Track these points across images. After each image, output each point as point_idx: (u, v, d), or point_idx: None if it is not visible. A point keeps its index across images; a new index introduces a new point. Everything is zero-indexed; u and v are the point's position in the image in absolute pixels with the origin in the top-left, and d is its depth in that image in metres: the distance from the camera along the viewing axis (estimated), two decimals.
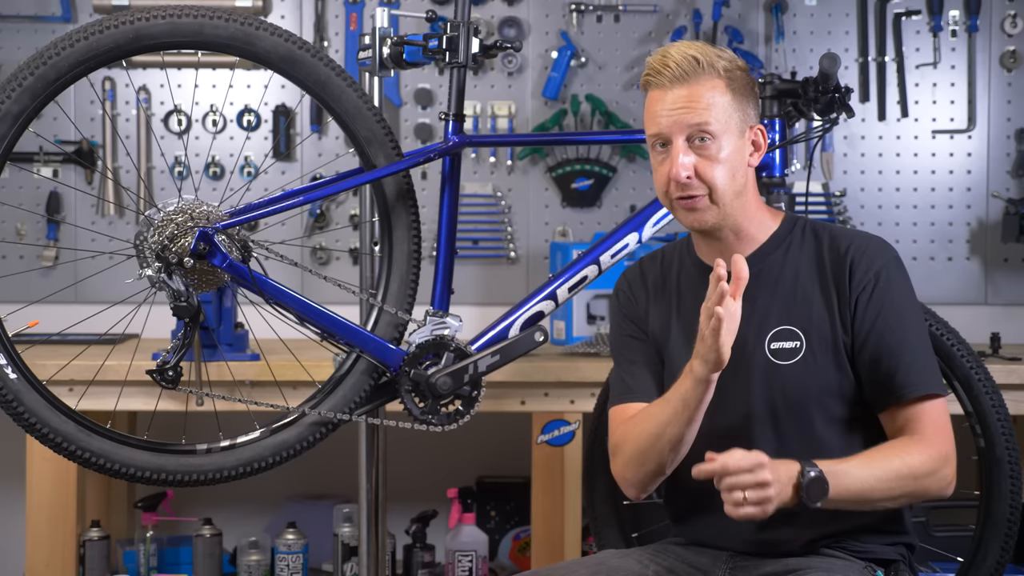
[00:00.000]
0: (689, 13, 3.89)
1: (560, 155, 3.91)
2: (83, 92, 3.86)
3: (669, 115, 2.20)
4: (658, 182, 2.25)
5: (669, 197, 2.24)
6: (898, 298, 2.24)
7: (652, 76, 2.22)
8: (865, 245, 2.26)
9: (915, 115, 3.90)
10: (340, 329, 2.46)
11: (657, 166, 2.24)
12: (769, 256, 2.28)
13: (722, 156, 2.20)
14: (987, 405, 2.73)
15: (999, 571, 2.77)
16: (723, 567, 2.28)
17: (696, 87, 2.19)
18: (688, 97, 2.19)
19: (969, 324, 3.22)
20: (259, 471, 2.45)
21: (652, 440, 2.24)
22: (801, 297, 2.25)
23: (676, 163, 2.19)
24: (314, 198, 2.52)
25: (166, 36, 2.30)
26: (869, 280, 2.22)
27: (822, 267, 2.26)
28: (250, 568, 3.63)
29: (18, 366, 2.26)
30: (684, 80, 2.19)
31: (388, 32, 2.71)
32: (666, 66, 2.20)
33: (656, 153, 2.24)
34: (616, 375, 2.41)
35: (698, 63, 2.19)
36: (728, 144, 2.21)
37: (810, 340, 2.23)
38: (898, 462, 2.14)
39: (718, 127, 2.19)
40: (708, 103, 2.19)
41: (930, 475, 2.16)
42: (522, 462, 3.50)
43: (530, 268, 3.94)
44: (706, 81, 2.20)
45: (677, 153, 2.19)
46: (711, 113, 2.19)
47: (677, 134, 2.20)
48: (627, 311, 2.41)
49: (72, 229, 3.85)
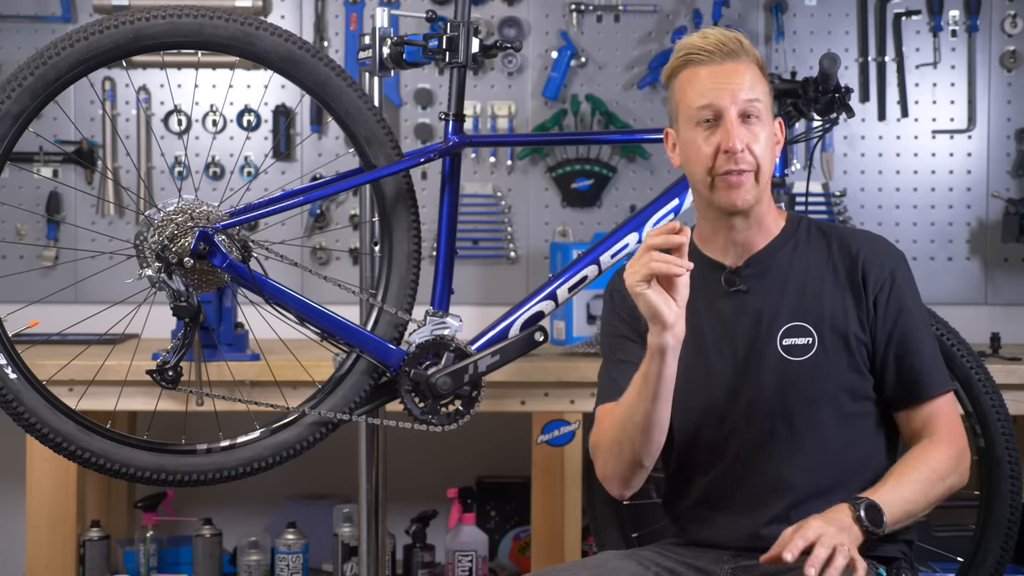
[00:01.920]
0: (689, 13, 3.89)
1: (560, 155, 3.91)
2: (83, 92, 3.86)
3: (723, 87, 2.18)
4: (700, 158, 2.21)
5: (713, 172, 2.20)
6: (912, 298, 2.28)
7: (695, 54, 2.20)
8: (875, 245, 2.29)
9: (915, 115, 3.90)
10: (340, 329, 2.46)
11: (702, 142, 2.20)
12: (778, 253, 2.29)
13: (765, 137, 2.21)
14: (987, 405, 2.73)
15: (999, 571, 2.77)
16: (725, 567, 2.27)
17: (744, 64, 2.20)
18: (739, 72, 2.19)
19: (969, 324, 3.22)
20: (259, 471, 2.45)
21: (622, 426, 2.22)
22: (812, 294, 2.26)
23: (733, 133, 2.17)
24: (314, 198, 2.52)
25: (166, 36, 2.30)
26: (885, 280, 2.25)
27: (834, 266, 2.27)
28: (250, 568, 3.63)
29: (18, 366, 2.26)
30: (732, 56, 2.20)
31: (388, 32, 2.71)
32: (710, 43, 2.20)
33: (700, 129, 2.21)
34: (605, 374, 2.39)
35: (742, 44, 2.21)
36: (768, 127, 2.22)
37: (822, 336, 2.24)
38: (927, 470, 2.19)
39: (764, 108, 2.21)
40: (755, 80, 2.21)
41: (953, 473, 2.22)
42: (522, 462, 3.50)
43: (530, 268, 3.94)
44: (749, 63, 2.22)
45: (733, 123, 2.18)
46: (759, 91, 2.20)
47: (731, 106, 2.18)
48: (621, 311, 2.38)
49: (72, 229, 3.85)
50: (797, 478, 2.24)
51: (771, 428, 2.25)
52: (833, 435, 2.23)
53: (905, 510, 2.16)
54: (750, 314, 2.27)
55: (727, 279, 2.29)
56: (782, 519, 2.21)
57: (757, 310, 2.25)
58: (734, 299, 2.28)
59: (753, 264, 2.28)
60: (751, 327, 2.23)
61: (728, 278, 2.29)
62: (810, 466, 2.23)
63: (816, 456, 2.23)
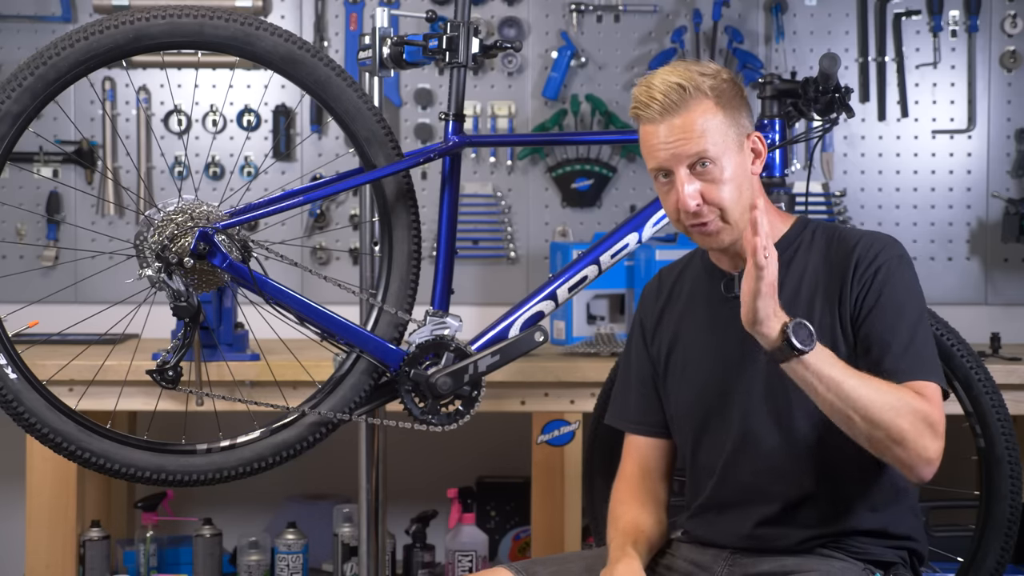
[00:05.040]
0: (689, 13, 3.89)
1: (560, 155, 3.91)
2: (83, 92, 3.86)
3: (666, 148, 2.18)
4: (668, 211, 2.25)
5: (682, 224, 2.23)
6: (899, 292, 2.22)
7: (640, 109, 2.20)
8: (871, 242, 2.25)
9: (915, 115, 3.90)
10: (340, 329, 2.46)
11: (664, 196, 2.24)
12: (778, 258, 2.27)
13: (726, 176, 2.19)
14: (987, 405, 2.73)
15: (999, 571, 2.77)
16: (723, 564, 2.29)
17: (687, 115, 2.17)
18: (681, 127, 2.17)
19: (969, 324, 3.22)
20: (259, 471, 2.45)
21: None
22: (805, 301, 2.25)
23: (683, 194, 2.18)
24: (314, 198, 2.51)
25: (166, 36, 2.30)
26: (870, 275, 2.21)
27: (828, 269, 2.26)
28: (250, 568, 3.63)
29: (18, 366, 2.26)
30: (674, 110, 2.17)
31: (388, 32, 2.71)
32: (652, 99, 2.18)
33: (660, 184, 2.24)
34: (622, 382, 2.50)
35: (684, 90, 2.17)
36: (729, 163, 2.19)
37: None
38: (889, 389, 2.07)
39: (716, 150, 2.18)
40: (702, 129, 2.17)
41: (914, 429, 2.07)
42: (522, 462, 3.50)
43: (530, 268, 3.94)
44: (695, 106, 2.17)
45: (682, 184, 2.18)
46: (707, 139, 2.17)
47: (677, 165, 2.18)
48: (643, 320, 2.46)
49: (72, 229, 3.85)
50: (786, 481, 2.24)
51: (761, 432, 2.25)
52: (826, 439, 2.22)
53: (840, 380, 2.04)
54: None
55: (725, 285, 2.31)
56: (773, 521, 2.23)
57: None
58: (731, 305, 2.27)
59: None
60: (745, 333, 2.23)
61: (727, 284, 2.30)
62: (798, 469, 2.23)
63: (804, 460, 2.23)
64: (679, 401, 2.37)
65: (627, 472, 2.44)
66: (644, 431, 2.44)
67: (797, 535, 2.24)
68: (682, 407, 2.37)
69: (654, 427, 2.43)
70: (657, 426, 2.43)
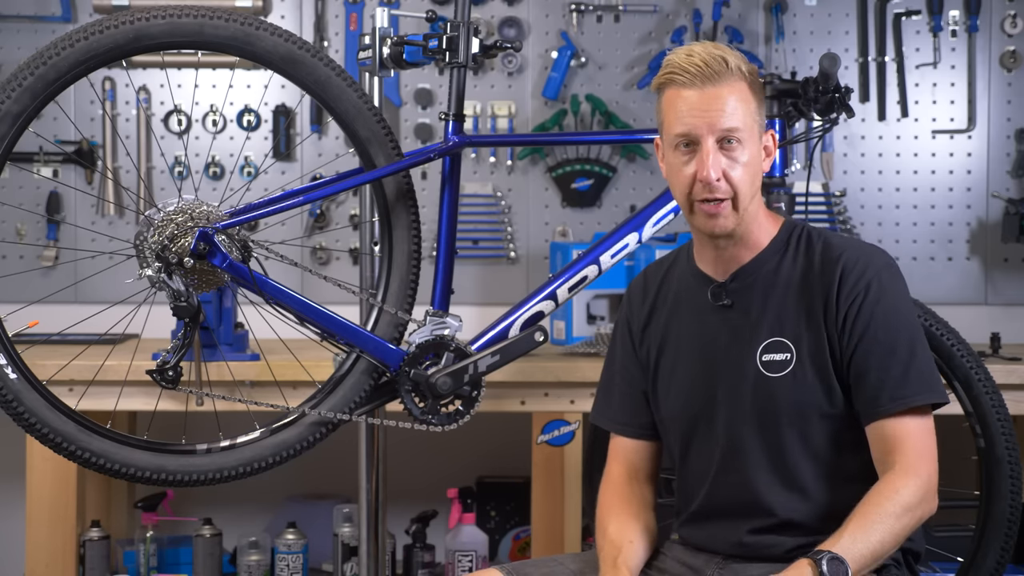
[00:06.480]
0: (689, 13, 3.89)
1: (560, 155, 3.91)
2: (83, 92, 3.86)
3: (701, 115, 2.15)
4: (679, 183, 2.19)
5: (691, 199, 2.19)
6: (890, 309, 2.19)
7: (677, 74, 2.16)
8: (857, 255, 2.21)
9: (915, 115, 3.90)
10: (340, 329, 2.46)
11: (679, 166, 2.19)
12: (764, 266, 2.25)
13: (746, 160, 2.17)
14: (987, 405, 2.73)
15: (999, 571, 2.77)
16: (714, 568, 2.28)
17: (725, 87, 2.15)
18: (717, 97, 2.14)
19: (969, 324, 3.22)
20: (259, 471, 2.45)
21: None
22: (793, 309, 2.22)
23: (707, 164, 2.14)
24: (314, 198, 2.52)
25: (166, 36, 2.30)
26: (859, 291, 2.18)
27: (813, 277, 2.22)
28: (250, 568, 3.63)
29: (18, 366, 2.26)
30: (714, 79, 2.14)
31: (388, 32, 2.71)
32: (694, 64, 2.15)
33: (679, 153, 2.19)
34: (605, 380, 2.46)
35: (727, 64, 2.15)
36: (751, 148, 2.18)
37: (800, 353, 2.20)
38: (892, 505, 2.10)
39: (745, 132, 2.16)
40: (735, 106, 2.15)
41: (921, 503, 2.12)
42: (522, 462, 3.50)
43: (530, 268, 3.94)
44: (734, 83, 2.15)
45: (708, 154, 2.15)
46: (739, 117, 2.15)
47: (708, 135, 2.15)
48: (629, 321, 2.42)
49: (72, 229, 3.85)
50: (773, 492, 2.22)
51: (749, 442, 2.23)
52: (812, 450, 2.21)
53: (871, 552, 2.07)
54: (733, 329, 2.25)
55: (713, 293, 2.27)
56: (763, 530, 2.22)
57: (740, 325, 2.23)
58: (719, 313, 2.26)
59: (739, 278, 2.26)
60: (733, 342, 2.21)
61: (715, 292, 2.27)
62: (787, 480, 2.22)
63: (792, 471, 2.21)
64: (668, 405, 2.35)
65: (613, 475, 2.41)
66: (630, 432, 2.41)
67: (790, 543, 2.22)
68: (671, 411, 2.34)
69: (640, 429, 2.40)
70: (643, 428, 2.40)
